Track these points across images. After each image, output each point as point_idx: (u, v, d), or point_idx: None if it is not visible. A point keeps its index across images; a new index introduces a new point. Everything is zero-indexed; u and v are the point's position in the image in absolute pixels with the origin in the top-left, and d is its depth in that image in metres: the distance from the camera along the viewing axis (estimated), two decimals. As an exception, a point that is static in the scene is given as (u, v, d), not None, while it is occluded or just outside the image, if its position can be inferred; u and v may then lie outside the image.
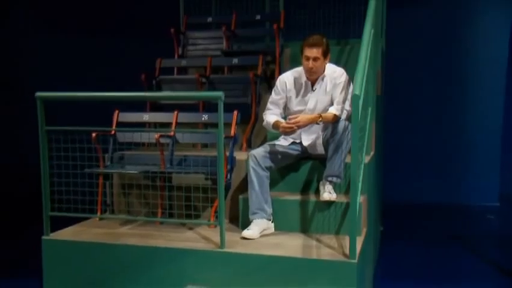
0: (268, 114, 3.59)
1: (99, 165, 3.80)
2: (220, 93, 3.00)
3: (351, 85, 3.25)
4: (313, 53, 3.34)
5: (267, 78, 5.00)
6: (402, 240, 5.31)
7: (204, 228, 3.55)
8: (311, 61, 3.36)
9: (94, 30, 7.69)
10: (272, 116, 3.56)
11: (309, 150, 3.58)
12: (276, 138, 3.65)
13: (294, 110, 3.55)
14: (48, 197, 3.36)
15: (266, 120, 3.58)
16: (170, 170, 3.69)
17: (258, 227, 3.29)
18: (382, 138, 5.31)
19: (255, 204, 3.33)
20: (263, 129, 3.86)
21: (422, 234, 5.66)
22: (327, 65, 3.49)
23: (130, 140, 3.99)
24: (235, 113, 3.75)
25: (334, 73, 3.49)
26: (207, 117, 4.04)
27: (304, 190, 3.62)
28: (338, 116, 3.37)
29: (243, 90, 4.66)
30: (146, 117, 4.18)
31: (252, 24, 5.86)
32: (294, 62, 4.61)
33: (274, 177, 3.55)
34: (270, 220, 3.37)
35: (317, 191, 3.50)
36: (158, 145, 3.67)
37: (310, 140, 3.54)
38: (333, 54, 3.70)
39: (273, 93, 3.63)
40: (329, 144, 3.35)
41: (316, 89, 3.50)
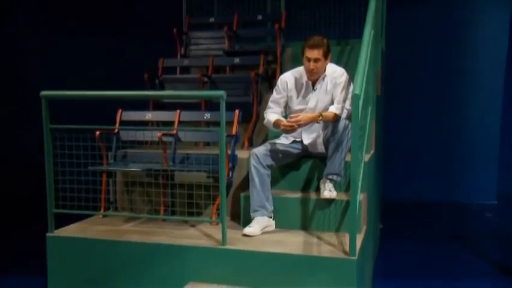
0: (269, 113, 3.59)
1: (102, 163, 3.81)
2: (222, 92, 3.00)
3: (352, 85, 3.25)
4: (314, 54, 3.34)
5: (268, 77, 5.00)
6: (401, 238, 5.32)
7: (206, 225, 3.56)
8: (312, 62, 3.36)
9: (94, 30, 7.65)
10: (273, 114, 3.56)
11: (310, 149, 3.59)
12: (277, 137, 3.65)
13: (295, 109, 3.55)
14: (53, 194, 3.36)
15: (267, 118, 3.58)
16: (172, 168, 3.69)
17: (259, 224, 3.29)
18: (382, 137, 5.31)
19: (256, 202, 3.33)
20: (264, 128, 3.86)
21: (421, 232, 5.67)
22: (328, 64, 3.49)
23: (133, 139, 3.99)
24: (237, 112, 3.75)
25: (334, 73, 3.49)
26: (209, 116, 4.04)
27: (305, 188, 3.62)
28: (338, 115, 3.38)
29: (245, 90, 4.66)
30: (149, 116, 4.18)
31: (253, 25, 5.86)
32: (295, 61, 4.61)
33: (275, 175, 3.55)
34: (271, 217, 3.37)
35: (318, 189, 3.50)
36: (160, 143, 3.67)
37: (311, 139, 3.54)
38: (333, 54, 3.69)
39: (274, 92, 3.63)
40: (330, 142, 3.35)
41: (317, 89, 3.50)
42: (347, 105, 3.39)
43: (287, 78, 3.58)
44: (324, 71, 3.48)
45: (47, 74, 7.35)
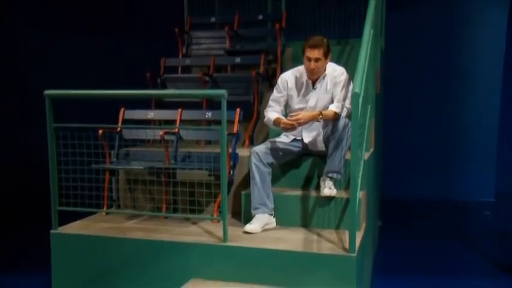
0: (269, 111, 3.59)
1: (105, 162, 3.81)
2: (223, 91, 3.00)
3: (351, 83, 3.25)
4: (314, 54, 3.34)
5: (269, 77, 4.99)
6: (400, 235, 5.31)
7: (207, 222, 3.56)
8: (313, 62, 3.36)
9: (94, 30, 7.60)
10: (273, 113, 3.56)
11: (310, 147, 3.59)
12: (278, 136, 3.65)
13: (296, 108, 3.54)
14: (57, 192, 3.37)
15: (267, 116, 3.58)
16: (174, 166, 3.69)
17: (259, 221, 3.30)
18: (381, 135, 5.31)
19: (257, 200, 3.33)
20: (265, 126, 3.86)
21: (420, 230, 5.67)
22: (328, 64, 3.49)
23: (136, 137, 4.00)
24: (238, 111, 3.75)
25: (334, 72, 3.49)
26: (210, 115, 4.04)
27: (305, 186, 3.62)
28: (338, 113, 3.37)
29: (246, 89, 4.66)
30: (151, 114, 4.18)
31: (254, 24, 5.85)
32: (295, 61, 4.61)
33: (275, 173, 3.55)
34: (271, 215, 3.37)
35: (318, 187, 3.50)
36: (162, 142, 3.67)
37: (311, 137, 3.54)
38: (333, 53, 3.69)
39: (274, 91, 3.63)
40: (329, 141, 3.35)
41: (317, 88, 3.50)
42: (347, 103, 3.38)
43: (287, 78, 3.58)
44: (324, 71, 3.47)
45: (47, 74, 7.29)
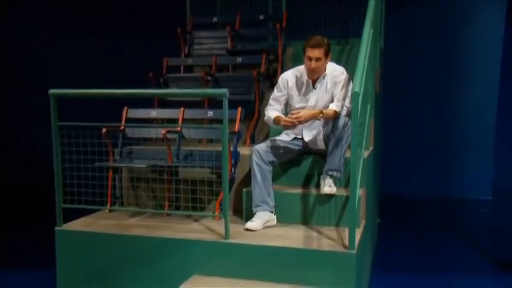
0: (269, 110, 3.58)
1: (109, 160, 3.81)
2: (224, 91, 3.00)
3: (351, 83, 3.24)
4: (315, 53, 3.33)
5: (270, 76, 4.99)
6: (399, 232, 5.31)
7: (209, 220, 3.56)
8: (313, 61, 3.35)
9: (94, 30, 7.55)
10: (273, 111, 3.55)
11: (310, 146, 3.58)
12: (279, 134, 3.65)
13: (296, 107, 3.54)
14: (61, 189, 3.37)
15: (267, 115, 3.57)
16: (177, 164, 3.69)
17: (260, 219, 3.30)
18: (381, 134, 5.30)
19: (258, 197, 3.33)
20: (266, 125, 3.86)
21: (418, 227, 5.67)
22: (328, 64, 3.48)
23: (139, 136, 4.01)
24: (239, 110, 3.75)
25: (334, 71, 3.48)
26: (212, 114, 4.03)
27: (306, 184, 3.62)
28: (338, 112, 3.37)
29: (247, 88, 4.65)
30: (154, 113, 4.18)
31: (255, 24, 5.84)
32: (296, 60, 4.60)
33: (276, 171, 3.55)
34: (272, 212, 3.37)
35: (318, 185, 3.50)
36: (165, 140, 3.67)
37: (311, 136, 3.54)
38: (333, 53, 3.68)
39: (275, 90, 3.62)
40: (330, 139, 3.35)
41: (317, 87, 3.49)
42: (347, 102, 3.38)
43: (288, 77, 3.57)
44: (325, 70, 3.47)
45: (47, 74, 7.16)
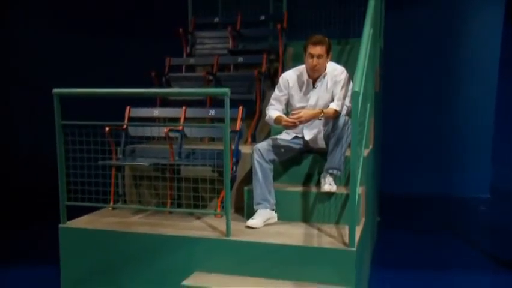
0: (270, 110, 3.58)
1: (112, 158, 3.81)
2: (226, 90, 3.00)
3: (351, 82, 3.24)
4: (317, 50, 3.33)
5: (271, 75, 4.99)
6: (398, 230, 5.31)
7: (211, 217, 3.56)
8: (315, 58, 3.35)
9: (94, 30, 7.52)
10: (274, 111, 3.55)
11: (311, 144, 3.58)
12: (280, 133, 3.65)
13: (297, 106, 3.54)
14: (65, 187, 3.37)
15: (268, 115, 3.57)
16: (179, 162, 3.70)
17: (261, 216, 3.30)
18: (380, 133, 5.30)
19: (259, 195, 3.33)
20: (267, 124, 3.86)
21: (417, 225, 5.66)
22: (328, 63, 3.48)
23: (141, 134, 4.01)
24: (241, 109, 3.75)
25: (335, 71, 3.48)
26: (213, 113, 4.04)
27: (306, 182, 3.62)
28: (339, 111, 3.37)
29: (248, 87, 4.66)
30: (156, 112, 4.18)
31: (256, 25, 5.84)
32: (296, 60, 4.60)
33: (277, 170, 3.55)
34: (273, 210, 3.38)
35: (318, 183, 3.50)
36: (167, 139, 3.67)
37: (312, 135, 3.54)
38: (334, 53, 3.68)
39: (276, 89, 3.62)
40: (330, 138, 3.35)
41: (317, 87, 3.49)
42: (347, 102, 3.38)
43: (288, 76, 3.57)
44: (325, 70, 3.47)
45: (47, 74, 7.02)
